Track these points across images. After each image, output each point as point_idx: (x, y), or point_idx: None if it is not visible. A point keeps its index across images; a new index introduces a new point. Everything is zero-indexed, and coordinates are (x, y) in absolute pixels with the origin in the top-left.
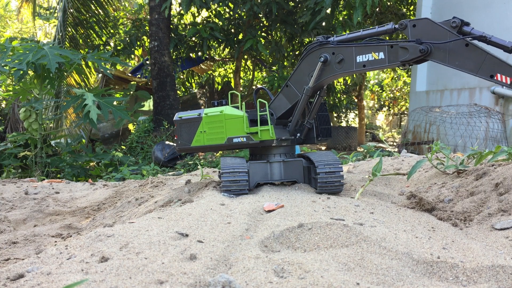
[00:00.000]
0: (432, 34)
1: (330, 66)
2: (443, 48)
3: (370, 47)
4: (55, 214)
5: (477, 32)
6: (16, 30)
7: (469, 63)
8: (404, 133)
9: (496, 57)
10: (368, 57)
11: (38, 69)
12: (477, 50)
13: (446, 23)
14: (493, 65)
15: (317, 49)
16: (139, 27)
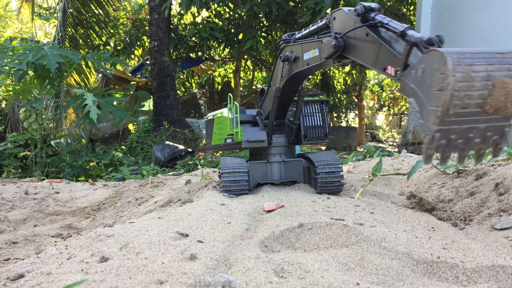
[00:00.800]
0: (347, 26)
1: (290, 65)
2: (353, 41)
3: (311, 43)
4: (55, 214)
5: (379, 18)
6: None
7: (369, 56)
8: (404, 133)
9: (387, 46)
10: (310, 54)
11: (38, 69)
12: (375, 40)
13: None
14: (386, 56)
15: (283, 47)
16: (139, 27)
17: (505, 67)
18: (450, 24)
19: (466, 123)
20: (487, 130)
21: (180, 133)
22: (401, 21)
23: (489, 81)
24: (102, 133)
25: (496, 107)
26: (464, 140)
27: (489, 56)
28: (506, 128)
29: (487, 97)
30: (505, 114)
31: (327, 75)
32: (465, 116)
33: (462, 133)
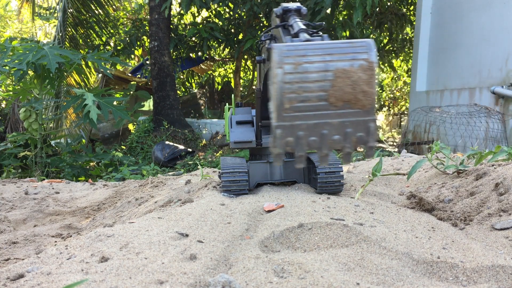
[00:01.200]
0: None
1: (263, 66)
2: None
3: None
4: (55, 214)
5: (291, 19)
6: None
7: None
8: (404, 133)
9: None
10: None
11: (38, 69)
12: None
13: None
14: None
15: (261, 47)
16: (139, 27)
17: (349, 56)
18: (450, 24)
19: (313, 118)
20: (344, 126)
21: (180, 133)
22: (401, 21)
23: (328, 71)
24: (102, 133)
25: (345, 99)
26: (318, 138)
27: (331, 46)
28: (370, 124)
29: (330, 88)
30: (362, 107)
31: None
32: (309, 110)
33: (311, 130)
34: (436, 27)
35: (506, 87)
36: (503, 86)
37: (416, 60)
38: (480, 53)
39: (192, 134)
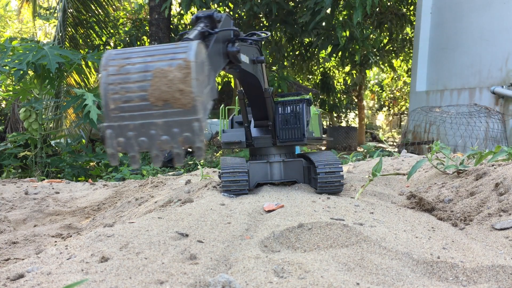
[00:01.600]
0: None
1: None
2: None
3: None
4: (55, 214)
5: (198, 25)
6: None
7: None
8: (404, 133)
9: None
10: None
11: (38, 69)
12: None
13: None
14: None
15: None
16: (139, 27)
17: (168, 56)
18: (450, 24)
19: (139, 118)
20: (169, 126)
21: None
22: (401, 21)
23: (148, 72)
24: (102, 133)
25: (163, 98)
26: (147, 138)
27: (156, 48)
28: (194, 123)
29: (149, 88)
30: (182, 107)
31: (327, 75)
32: (134, 110)
33: (139, 130)
34: (436, 27)
35: (506, 87)
36: (503, 86)
37: (416, 60)
38: (480, 53)
39: None
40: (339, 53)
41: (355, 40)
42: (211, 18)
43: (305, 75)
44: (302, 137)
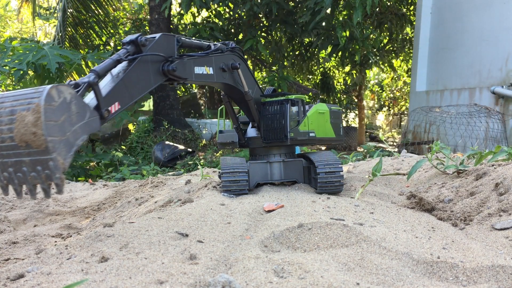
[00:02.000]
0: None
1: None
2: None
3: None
4: (55, 214)
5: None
6: (16, 30)
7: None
8: (404, 133)
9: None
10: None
11: (38, 69)
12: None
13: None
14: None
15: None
16: (139, 27)
17: (27, 101)
18: (450, 24)
19: (12, 156)
20: (34, 164)
21: (180, 133)
22: (401, 21)
23: (13, 115)
24: (102, 133)
25: (24, 139)
26: (21, 174)
27: (22, 93)
28: (49, 162)
29: (14, 130)
30: (38, 147)
31: (327, 75)
32: (8, 149)
33: (14, 166)
34: (436, 27)
35: (506, 87)
36: (503, 86)
37: (416, 60)
38: (480, 53)
39: (192, 134)
40: (339, 53)
41: (355, 40)
42: (134, 43)
43: (305, 75)
44: (284, 138)
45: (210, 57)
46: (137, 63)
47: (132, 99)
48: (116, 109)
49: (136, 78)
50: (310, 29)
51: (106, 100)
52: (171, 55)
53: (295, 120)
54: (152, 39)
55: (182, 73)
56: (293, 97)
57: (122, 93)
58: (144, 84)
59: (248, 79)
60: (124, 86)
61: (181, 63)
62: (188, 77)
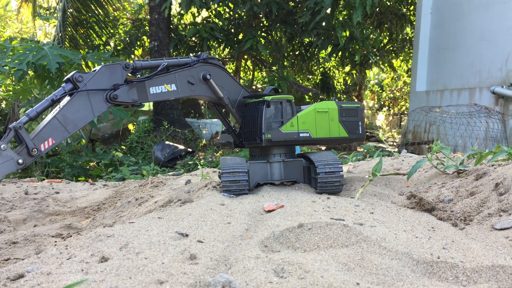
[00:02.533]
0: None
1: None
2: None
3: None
4: (55, 214)
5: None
6: (16, 30)
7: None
8: (404, 133)
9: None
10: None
11: (38, 69)
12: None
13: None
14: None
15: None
16: (139, 27)
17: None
18: (450, 24)
19: None
20: None
21: (180, 133)
22: (401, 21)
23: None
24: (102, 133)
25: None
26: None
27: None
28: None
29: None
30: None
31: (327, 75)
32: None
33: None
34: (436, 27)
35: (506, 87)
36: (503, 86)
37: (416, 60)
38: (480, 53)
39: (192, 134)
40: (339, 53)
41: (355, 40)
42: (70, 80)
43: (305, 75)
44: (258, 139)
45: (170, 75)
46: (73, 99)
47: (70, 132)
48: (49, 145)
49: (73, 112)
50: (310, 29)
51: (37, 139)
52: (117, 83)
53: (277, 121)
54: (93, 72)
55: (126, 98)
56: (270, 98)
57: (56, 129)
58: (84, 115)
59: (229, 85)
60: (58, 123)
61: (124, 90)
62: (139, 99)
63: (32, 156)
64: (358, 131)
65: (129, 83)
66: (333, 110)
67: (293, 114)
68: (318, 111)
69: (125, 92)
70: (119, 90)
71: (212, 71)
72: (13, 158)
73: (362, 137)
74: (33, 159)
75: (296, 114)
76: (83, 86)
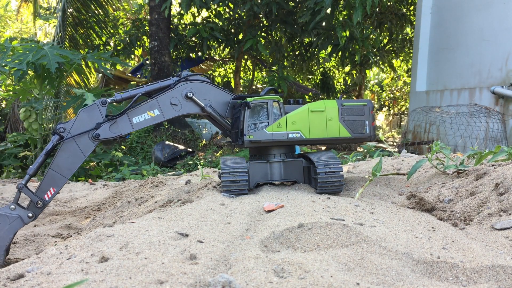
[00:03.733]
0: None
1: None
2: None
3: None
4: (55, 214)
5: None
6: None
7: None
8: (404, 133)
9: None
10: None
11: (38, 69)
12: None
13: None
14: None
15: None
16: (139, 27)
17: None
18: (450, 24)
19: None
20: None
21: (180, 133)
22: (401, 21)
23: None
24: None
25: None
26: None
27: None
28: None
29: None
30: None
31: (327, 75)
32: None
33: None
34: (436, 27)
35: (506, 87)
36: (503, 86)
37: (416, 60)
38: (480, 53)
39: (192, 134)
40: (339, 53)
41: (355, 40)
42: (56, 132)
43: (305, 75)
44: (240, 140)
45: (152, 101)
46: (62, 148)
47: (67, 177)
48: (52, 194)
49: (64, 160)
50: (310, 29)
51: (40, 192)
52: (99, 121)
53: (262, 122)
54: (73, 120)
55: (108, 134)
56: (252, 99)
57: (53, 179)
58: (75, 160)
59: (214, 96)
60: (54, 172)
61: (105, 128)
62: (123, 131)
63: (39, 208)
64: (364, 130)
65: (110, 119)
66: (331, 109)
67: (281, 114)
68: (312, 111)
69: (106, 129)
70: (100, 129)
71: (195, 87)
72: (20, 215)
73: (370, 137)
74: (41, 210)
75: (284, 114)
76: (68, 134)
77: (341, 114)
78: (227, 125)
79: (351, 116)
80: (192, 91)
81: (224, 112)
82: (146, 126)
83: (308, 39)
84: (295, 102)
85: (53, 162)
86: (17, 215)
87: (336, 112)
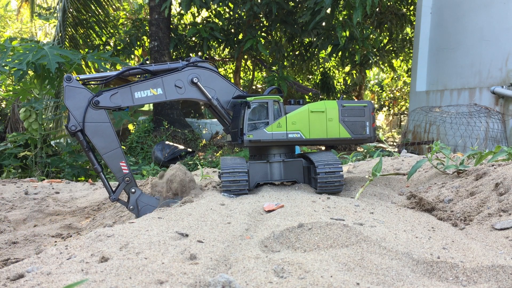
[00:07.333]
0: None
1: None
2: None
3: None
4: (55, 214)
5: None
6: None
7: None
8: (404, 133)
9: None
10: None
11: (38, 69)
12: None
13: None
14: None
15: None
16: (139, 27)
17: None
18: (450, 24)
19: None
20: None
21: (180, 133)
22: (401, 21)
23: None
24: None
25: None
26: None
27: None
28: None
29: None
30: None
31: (327, 75)
32: None
33: None
34: (436, 27)
35: (506, 87)
36: (503, 86)
37: (416, 60)
38: (480, 53)
39: (192, 134)
40: (339, 53)
41: (355, 40)
42: (73, 133)
43: (305, 75)
44: (239, 140)
45: (157, 79)
46: (89, 137)
47: (117, 146)
48: (125, 165)
49: (101, 140)
50: (310, 29)
51: (118, 174)
52: (86, 95)
53: (262, 122)
54: (69, 114)
55: (107, 103)
56: (252, 99)
57: (112, 157)
58: (106, 131)
59: (220, 87)
60: (107, 154)
61: (106, 96)
62: (123, 104)
63: (130, 182)
64: (364, 131)
65: (112, 89)
66: (332, 109)
67: (281, 114)
68: (312, 111)
69: (107, 98)
70: (101, 96)
71: (202, 74)
72: (134, 199)
73: (370, 138)
74: (134, 182)
75: (284, 114)
76: (79, 124)
77: (341, 114)
78: (228, 118)
79: (351, 117)
80: (198, 77)
81: (226, 104)
82: (146, 103)
83: (308, 39)
84: (295, 102)
85: (98, 150)
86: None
87: (336, 112)
